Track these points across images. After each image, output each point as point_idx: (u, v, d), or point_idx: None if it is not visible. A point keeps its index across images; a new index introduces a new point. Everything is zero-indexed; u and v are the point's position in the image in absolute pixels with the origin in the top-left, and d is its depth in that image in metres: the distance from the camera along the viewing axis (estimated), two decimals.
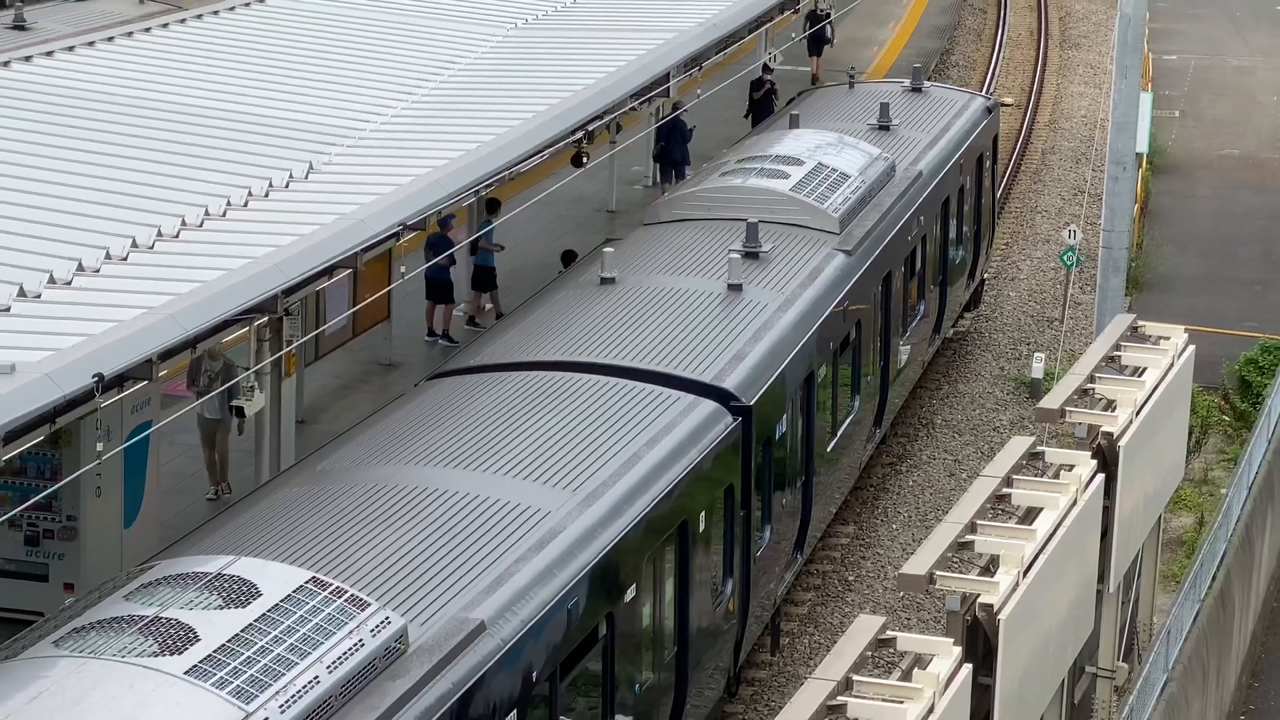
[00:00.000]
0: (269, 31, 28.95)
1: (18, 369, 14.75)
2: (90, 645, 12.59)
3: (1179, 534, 26.07)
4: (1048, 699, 16.17)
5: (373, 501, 16.10)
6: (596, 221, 35.92)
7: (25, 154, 21.32)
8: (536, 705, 15.41)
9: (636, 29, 30.85)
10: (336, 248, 19.25)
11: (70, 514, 21.32)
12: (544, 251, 32.92)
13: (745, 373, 20.60)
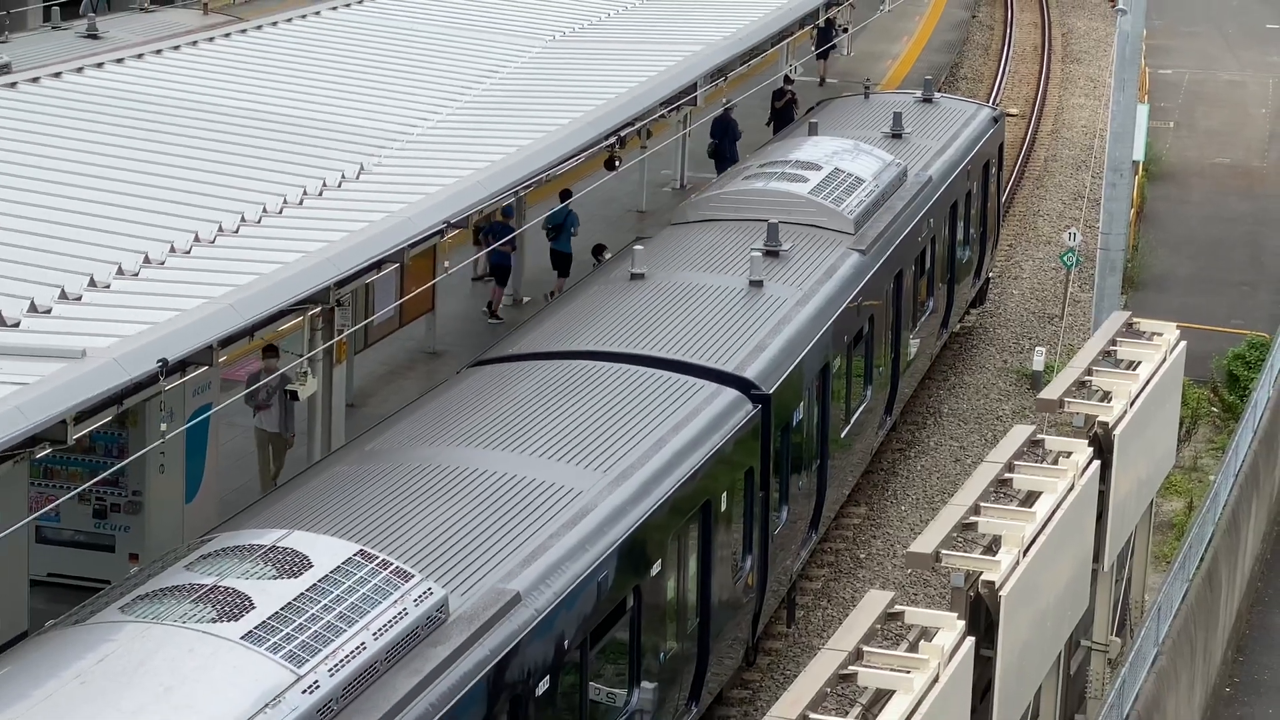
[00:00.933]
0: (324, 42, 29.00)
1: (88, 354, 14.80)
2: (154, 611, 12.63)
3: (1169, 517, 26.03)
4: (1045, 670, 16.16)
5: (417, 480, 16.13)
6: (627, 221, 35.91)
7: (97, 153, 21.38)
8: (568, 671, 15.44)
9: (666, 42, 30.85)
10: (385, 243, 19.28)
11: (136, 489, 21.39)
12: (578, 248, 32.91)
13: (765, 363, 20.60)
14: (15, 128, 22.03)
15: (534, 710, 14.70)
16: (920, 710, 12.58)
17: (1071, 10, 65.67)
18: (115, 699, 11.59)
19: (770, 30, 33.74)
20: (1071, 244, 33.75)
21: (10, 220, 18.62)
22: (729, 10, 34.25)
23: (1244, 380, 29.82)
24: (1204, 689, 21.08)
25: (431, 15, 31.96)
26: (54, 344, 15.15)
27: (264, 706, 11.90)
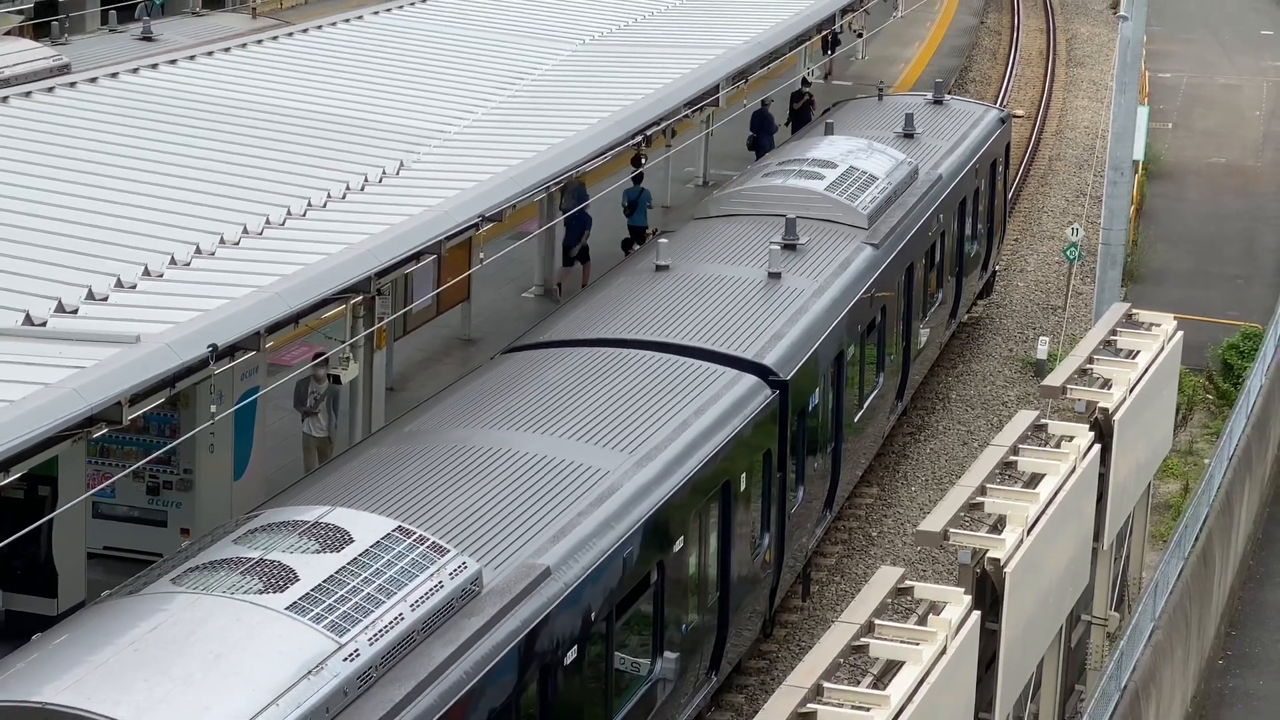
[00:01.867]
0: (366, 45, 29.02)
1: (142, 339, 14.83)
2: (203, 583, 12.66)
3: (1166, 499, 25.98)
4: (1047, 643, 16.14)
5: (453, 460, 16.15)
6: (653, 216, 35.87)
7: (151, 150, 21.43)
8: (595, 642, 15.45)
9: (689, 46, 30.83)
10: (423, 236, 19.30)
11: (187, 467, 21.43)
12: (606, 241, 32.91)
13: (783, 351, 20.58)
14: (75, 125, 22.10)
15: (562, 678, 14.72)
16: (928, 680, 12.57)
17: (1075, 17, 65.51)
18: (167, 665, 11.62)
19: (789, 35, 33.70)
20: (1074, 239, 33.68)
21: (69, 213, 18.68)
22: (749, 16, 34.21)
23: (1238, 369, 29.77)
24: (1198, 661, 21.04)
25: (468, 20, 31.98)
26: (110, 330, 15.19)
27: (307, 673, 11.93)
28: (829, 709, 11.95)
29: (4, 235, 17.72)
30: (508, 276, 31.77)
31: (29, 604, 19.67)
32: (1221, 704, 21.12)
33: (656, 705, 17.08)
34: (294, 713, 11.61)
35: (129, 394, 14.31)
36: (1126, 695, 17.29)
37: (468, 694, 13.03)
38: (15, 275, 16.64)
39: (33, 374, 13.97)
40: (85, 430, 14.19)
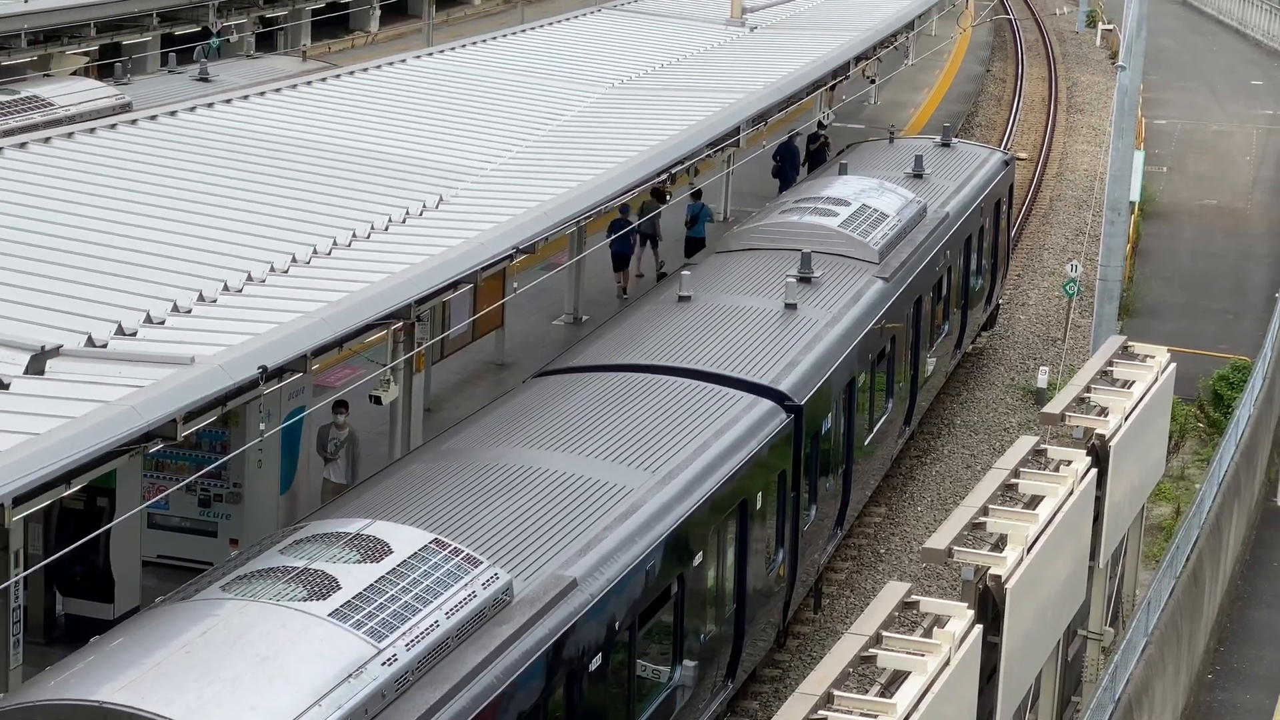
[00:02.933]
0: (409, 87, 29.10)
1: (196, 360, 14.86)
2: (251, 590, 12.67)
3: (1159, 521, 25.90)
4: (1045, 656, 16.08)
5: (486, 477, 16.15)
6: (676, 249, 35.90)
7: (207, 183, 21.49)
8: (618, 650, 15.43)
9: (712, 90, 30.87)
10: (461, 266, 19.32)
11: (236, 481, 21.46)
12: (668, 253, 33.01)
13: (798, 377, 20.57)
14: (136, 160, 22.17)
15: (587, 684, 14.70)
16: (933, 690, 12.53)
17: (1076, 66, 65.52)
18: (216, 667, 11.63)
19: (805, 81, 33.73)
20: (1073, 275, 33.64)
21: (130, 241, 18.74)
22: (768, 63, 34.26)
23: (1227, 399, 29.68)
24: (1188, 675, 20.95)
25: (504, 65, 32.06)
26: (167, 351, 15.22)
27: (348, 676, 11.93)
28: (839, 716, 11.92)
29: (68, 262, 17.78)
30: (539, 305, 31.81)
31: (87, 608, 19.71)
32: (1210, 716, 21.02)
33: (676, 710, 17.05)
34: (335, 714, 11.61)
35: (183, 412, 14.33)
36: (1120, 707, 17.22)
37: (498, 698, 13.02)
38: (78, 300, 16.69)
39: (94, 392, 14.00)
40: (142, 445, 14.22)
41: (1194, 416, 30.46)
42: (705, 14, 41.30)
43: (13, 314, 16.02)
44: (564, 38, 36.22)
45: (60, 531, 19.06)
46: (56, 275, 17.34)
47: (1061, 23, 75.12)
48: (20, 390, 14.20)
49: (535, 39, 35.67)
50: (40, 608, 19.57)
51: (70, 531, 18.62)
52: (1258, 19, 78.11)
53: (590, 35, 37.01)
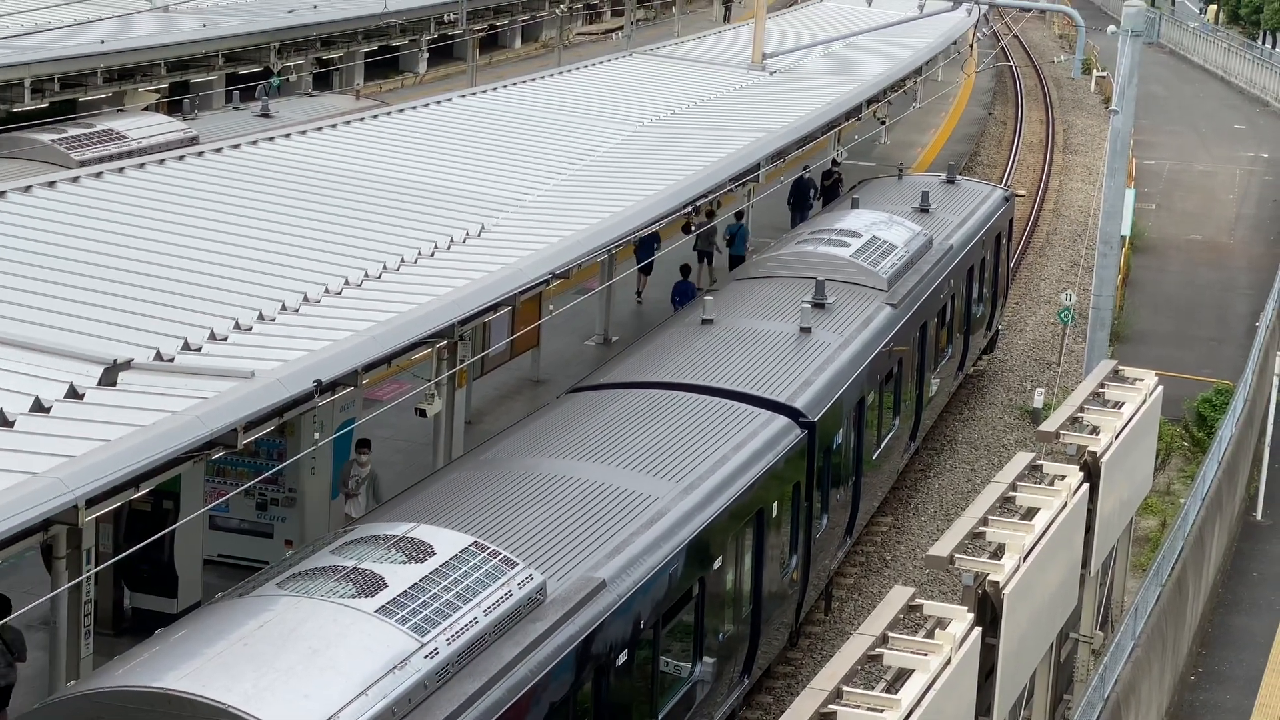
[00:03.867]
0: (454, 124, 29.18)
1: (256, 374, 14.91)
2: (304, 587, 12.68)
3: (1146, 533, 25.80)
4: (1039, 657, 16.02)
5: (522, 485, 16.15)
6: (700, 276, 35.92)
7: (267, 211, 21.58)
8: (643, 647, 15.41)
9: (733, 129, 30.90)
10: (500, 290, 19.36)
11: (291, 487, 21.48)
12: (659, 296, 32.95)
13: (812, 395, 20.54)
14: (202, 189, 22.27)
15: (614, 678, 14.68)
16: (935, 687, 12.49)
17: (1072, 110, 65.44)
18: (272, 658, 11.64)
19: (821, 122, 33.74)
20: (1068, 304, 33.56)
21: (195, 264, 18.82)
22: (786, 105, 34.28)
23: (1211, 420, 29.57)
24: (1173, 677, 20.86)
25: (542, 104, 32.13)
26: (229, 366, 15.28)
27: (393, 668, 11.93)
28: (847, 710, 11.89)
29: (139, 283, 17.86)
30: (572, 327, 31.83)
31: (152, 603, 19.75)
32: (1193, 715, 20.92)
33: (696, 703, 17.02)
34: (380, 703, 11.62)
35: (243, 422, 14.37)
36: (1109, 705, 17.14)
37: (532, 689, 13.01)
38: (148, 317, 16.76)
39: (161, 403, 14.05)
40: (205, 452, 14.26)
41: (1179, 436, 30.35)
42: (728, 59, 41.35)
43: (88, 330, 16.10)
44: (597, 80, 36.30)
45: (129, 531, 19.10)
46: (128, 294, 17.41)
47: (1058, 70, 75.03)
48: (94, 400, 14.26)
49: (570, 81, 35.75)
50: (110, 602, 19.63)
51: (138, 531, 18.66)
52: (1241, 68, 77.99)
53: (621, 78, 37.08)
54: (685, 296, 33.23)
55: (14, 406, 13.76)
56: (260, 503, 21.55)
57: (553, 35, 65.96)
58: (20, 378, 14.50)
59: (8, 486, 11.85)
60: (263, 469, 20.22)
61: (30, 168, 26.22)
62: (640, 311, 33.69)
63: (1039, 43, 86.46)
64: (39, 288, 17.23)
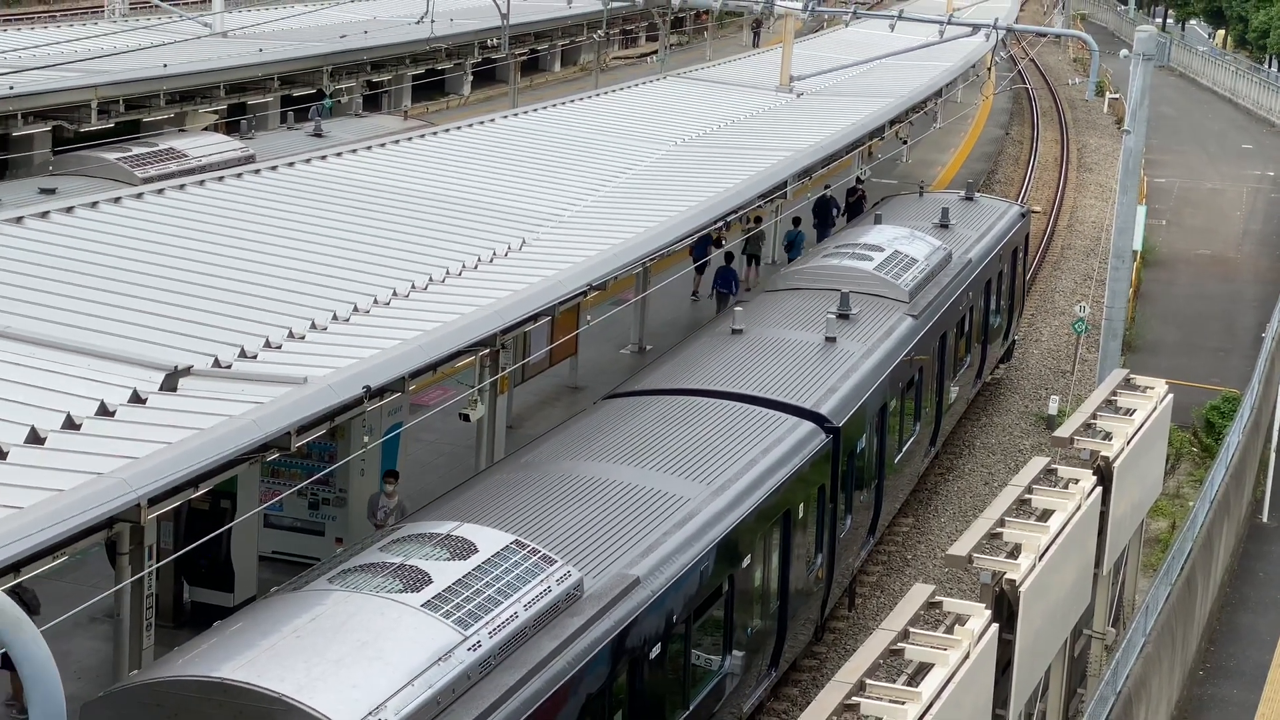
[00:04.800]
0: (497, 143, 29.23)
1: (309, 381, 14.94)
2: (353, 583, 12.71)
3: (1156, 534, 25.66)
4: (1054, 653, 15.95)
5: (560, 486, 16.16)
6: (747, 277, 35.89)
7: (320, 225, 21.64)
8: (675, 641, 15.39)
9: (762, 148, 30.88)
10: (540, 301, 19.37)
11: (342, 487, 21.54)
12: (693, 308, 32.95)
13: (836, 402, 20.50)
14: (258, 205, 22.35)
15: (647, 670, 14.67)
16: (954, 681, 12.45)
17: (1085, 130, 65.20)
18: (323, 650, 11.67)
19: (845, 142, 33.69)
20: (1081, 315, 33.44)
21: (253, 276, 18.89)
22: (813, 125, 34.24)
23: (1219, 427, 29.41)
24: (1182, 671, 20.74)
25: (581, 125, 32.16)
26: (283, 372, 15.32)
27: (437, 660, 11.95)
28: (870, 702, 11.86)
29: (198, 294, 17.93)
30: (608, 336, 31.87)
31: (210, 596, 19.82)
32: (1201, 708, 20.80)
33: (725, 695, 16.99)
34: (426, 693, 11.63)
35: (296, 425, 14.41)
36: (1121, 699, 17.06)
37: (569, 681, 13.01)
38: (207, 326, 16.82)
39: (219, 408, 14.10)
40: (260, 454, 14.30)
41: (1189, 442, 30.19)
42: (757, 81, 41.34)
43: (150, 338, 16.17)
44: (632, 102, 36.32)
45: (188, 529, 19.18)
46: (188, 305, 17.48)
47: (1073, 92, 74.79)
48: (156, 405, 14.32)
49: (607, 103, 35.78)
50: (170, 595, 19.70)
51: (197, 529, 18.74)
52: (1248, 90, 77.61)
53: (655, 100, 37.09)
54: (726, 282, 33.56)
55: (81, 410, 13.82)
56: (312, 502, 21.61)
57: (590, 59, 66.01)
58: (87, 383, 14.57)
59: (75, 486, 11.91)
60: (314, 470, 20.27)
61: (97, 184, 26.36)
62: (674, 320, 33.64)
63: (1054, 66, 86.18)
64: (105, 298, 17.31)
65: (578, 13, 56.98)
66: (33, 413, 13.59)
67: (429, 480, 24.10)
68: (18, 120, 32.06)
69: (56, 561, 11.70)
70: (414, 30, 46.96)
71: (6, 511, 11.27)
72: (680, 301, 34.71)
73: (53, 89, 33.15)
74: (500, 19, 46.32)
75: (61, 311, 16.63)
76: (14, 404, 13.82)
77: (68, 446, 13.01)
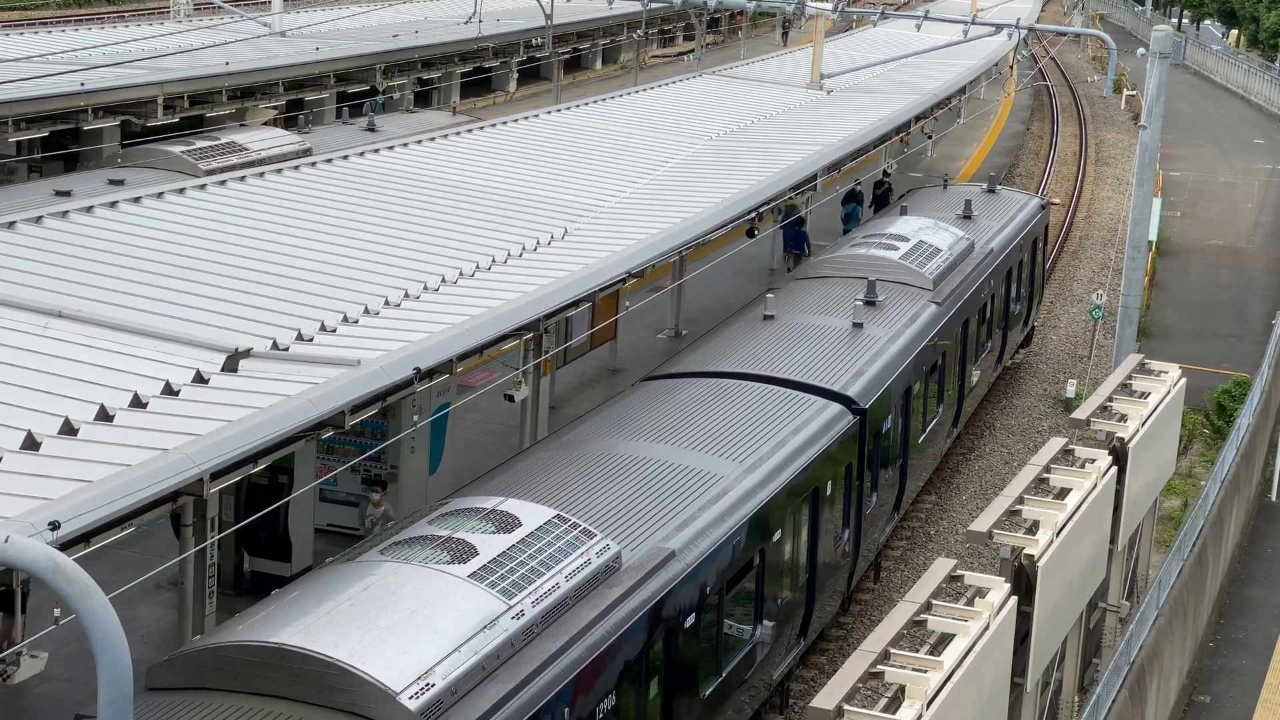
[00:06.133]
0: (540, 137, 29.23)
1: (362, 363, 14.98)
2: (404, 554, 12.74)
3: (1169, 512, 25.53)
4: (1070, 624, 15.90)
5: (600, 464, 16.17)
6: (762, 276, 35.88)
7: (373, 215, 21.68)
8: (708, 611, 15.39)
9: (793, 143, 30.79)
10: (581, 287, 19.37)
11: (393, 464, 21.58)
12: (726, 295, 32.90)
13: (863, 385, 20.45)
14: (315, 195, 22.41)
15: (682, 639, 14.67)
16: (974, 650, 12.41)
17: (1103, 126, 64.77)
18: (375, 618, 11.71)
19: (873, 136, 33.56)
20: (1099, 303, 33.24)
21: (309, 263, 18.94)
22: (841, 121, 34.12)
23: (1230, 409, 29.23)
24: (1193, 643, 20.64)
25: (620, 119, 32.13)
26: (337, 355, 15.35)
27: (483, 628, 11.97)
28: (894, 670, 11.84)
29: (258, 280, 17.99)
30: (646, 321, 31.85)
31: (269, 566, 19.92)
32: (1211, 678, 20.70)
33: (756, 663, 16.99)
34: (472, 659, 11.66)
35: (350, 405, 14.44)
36: (1134, 669, 16.99)
37: (608, 649, 13.02)
38: (265, 310, 16.88)
39: (277, 388, 14.15)
40: (316, 432, 14.34)
41: (1201, 424, 30.01)
42: (789, 79, 41.21)
43: (213, 321, 16.24)
44: (670, 98, 36.26)
45: (248, 502, 19.27)
46: (248, 290, 17.54)
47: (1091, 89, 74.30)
48: (217, 385, 14.38)
49: (646, 99, 35.73)
50: (231, 565, 19.80)
51: (256, 502, 18.82)
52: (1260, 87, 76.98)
53: (692, 96, 37.02)
54: (799, 243, 33.75)
55: (147, 390, 13.90)
56: (365, 478, 21.66)
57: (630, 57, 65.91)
58: (153, 364, 14.64)
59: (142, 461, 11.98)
60: (367, 448, 20.32)
61: (163, 176, 26.48)
62: (709, 307, 33.60)
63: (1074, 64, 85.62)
64: (170, 284, 17.39)
65: (618, 13, 56.92)
66: (102, 392, 13.67)
67: (475, 458, 24.16)
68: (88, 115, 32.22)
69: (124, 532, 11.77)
70: (462, 30, 46.99)
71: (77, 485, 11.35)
72: (716, 289, 34.66)
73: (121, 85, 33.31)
74: (544, 19, 46.30)
75: (129, 296, 16.72)
76: (85, 384, 13.90)
77: (135, 424, 13.08)
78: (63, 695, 16.99)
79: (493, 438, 25.31)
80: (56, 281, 16.80)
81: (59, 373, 14.11)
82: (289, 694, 10.97)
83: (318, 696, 10.93)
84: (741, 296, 34.31)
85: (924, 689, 11.47)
